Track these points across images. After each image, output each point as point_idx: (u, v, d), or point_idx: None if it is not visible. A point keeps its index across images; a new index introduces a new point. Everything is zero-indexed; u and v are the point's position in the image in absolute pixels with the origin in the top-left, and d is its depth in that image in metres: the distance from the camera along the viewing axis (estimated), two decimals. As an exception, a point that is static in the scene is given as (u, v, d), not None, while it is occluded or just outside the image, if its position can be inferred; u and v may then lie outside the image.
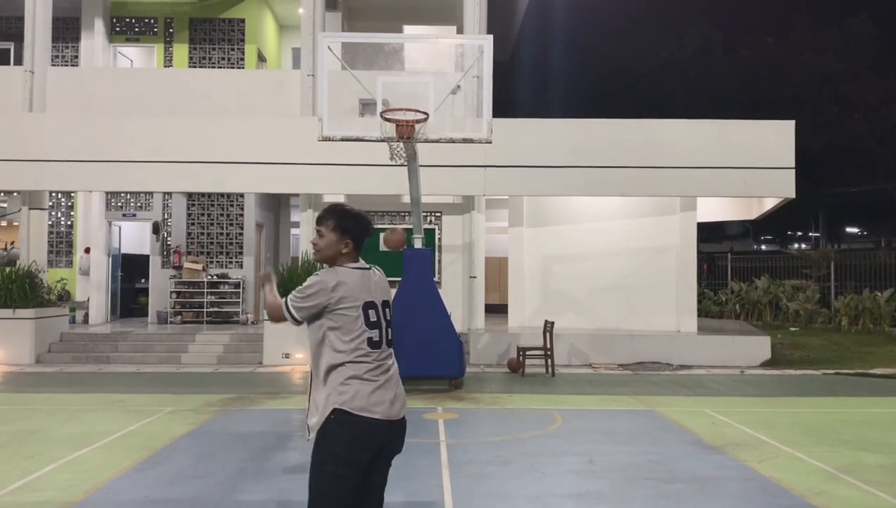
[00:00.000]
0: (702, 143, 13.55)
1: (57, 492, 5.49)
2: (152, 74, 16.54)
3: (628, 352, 13.23)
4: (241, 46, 17.24)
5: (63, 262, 16.48)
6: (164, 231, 16.79)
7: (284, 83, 15.19)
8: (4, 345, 12.77)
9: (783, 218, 30.94)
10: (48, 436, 7.36)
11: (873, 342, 15.65)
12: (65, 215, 16.63)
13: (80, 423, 7.99)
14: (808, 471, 6.21)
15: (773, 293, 19.38)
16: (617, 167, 13.42)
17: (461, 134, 9.54)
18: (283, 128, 13.62)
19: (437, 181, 12.97)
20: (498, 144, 10.55)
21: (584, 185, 13.59)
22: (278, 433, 7.67)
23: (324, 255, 3.25)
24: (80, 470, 6.11)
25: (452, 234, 14.89)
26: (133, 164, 13.32)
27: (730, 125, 13.82)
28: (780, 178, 13.46)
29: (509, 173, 13.48)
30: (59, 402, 9.42)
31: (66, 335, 13.85)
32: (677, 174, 13.45)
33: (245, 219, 16.86)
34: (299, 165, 13.30)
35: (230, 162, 13.35)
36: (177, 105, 14.92)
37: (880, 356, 13.91)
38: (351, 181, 13.33)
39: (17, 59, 16.52)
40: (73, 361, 13.03)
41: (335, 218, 3.23)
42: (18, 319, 12.85)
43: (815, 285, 19.03)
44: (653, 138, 13.55)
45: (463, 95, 13.40)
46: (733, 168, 13.42)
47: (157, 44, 17.29)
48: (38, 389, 10.50)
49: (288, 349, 12.72)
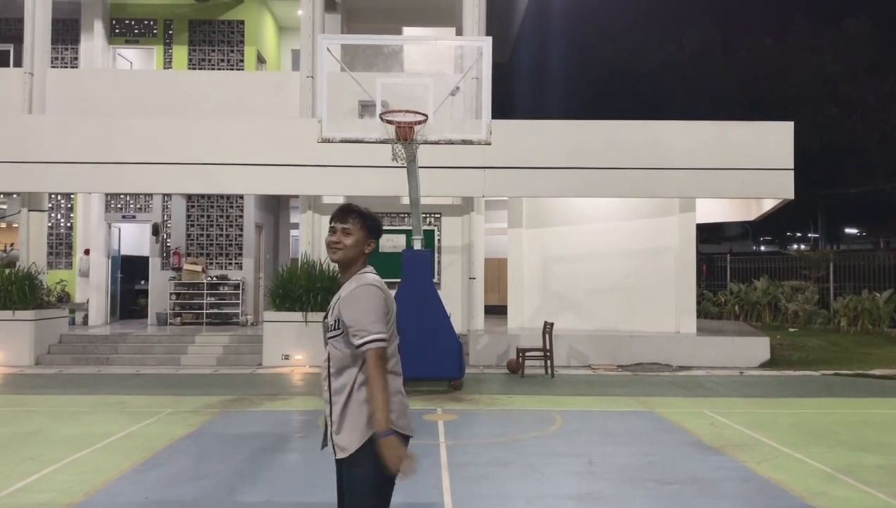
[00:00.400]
0: (701, 144, 13.57)
1: (57, 494, 5.50)
2: (152, 76, 16.54)
3: (628, 353, 13.24)
4: (241, 48, 17.25)
5: (63, 264, 16.47)
6: (164, 233, 16.79)
7: (284, 85, 15.20)
8: (4, 347, 12.78)
9: (782, 219, 30.95)
10: (48, 438, 7.37)
11: (872, 343, 15.65)
12: (64, 217, 16.63)
13: (80, 425, 8.00)
14: (806, 472, 6.22)
15: (772, 294, 19.38)
16: (616, 168, 13.44)
17: (460, 136, 9.56)
18: (283, 129, 13.63)
19: (436, 183, 12.99)
20: (497, 145, 10.57)
21: (583, 186, 13.61)
22: (278, 434, 7.68)
23: (347, 255, 2.94)
24: (79, 472, 6.12)
25: (452, 235, 14.90)
26: (132, 165, 13.34)
27: (729, 126, 13.83)
28: (779, 179, 13.48)
29: (509, 175, 13.50)
30: (58, 404, 9.43)
31: (65, 336, 13.85)
32: (676, 175, 13.47)
33: (244, 220, 16.86)
34: (299, 166, 13.32)
35: (230, 164, 13.37)
36: (176, 107, 14.92)
37: (879, 357, 13.91)
38: (350, 183, 13.35)
39: (16, 61, 16.52)
40: (72, 362, 13.04)
41: (361, 217, 2.98)
42: (18, 320, 12.85)
43: (814, 286, 19.03)
44: (652, 139, 13.57)
45: (462, 96, 13.42)
46: (732, 169, 13.44)
47: (157, 46, 17.30)
48: (38, 390, 10.51)
49: (287, 350, 12.72)
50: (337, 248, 2.94)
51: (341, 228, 2.94)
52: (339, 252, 2.94)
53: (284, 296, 12.71)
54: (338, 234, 2.94)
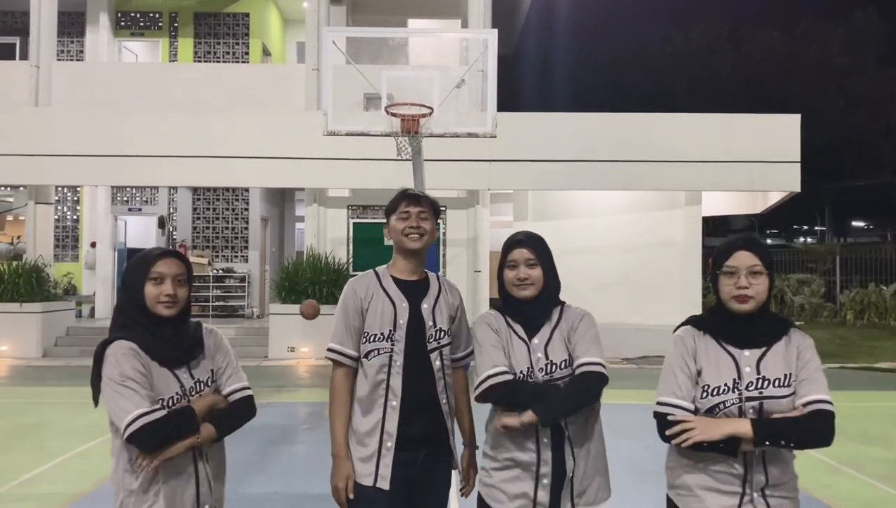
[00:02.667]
0: (706, 137, 13.53)
1: (66, 484, 5.56)
2: (157, 69, 16.57)
3: (633, 346, 13.25)
4: (246, 41, 17.26)
5: (69, 256, 16.56)
6: (170, 226, 16.85)
7: (289, 78, 15.21)
8: (12, 339, 12.85)
9: (789, 212, 30.87)
10: (56, 429, 7.44)
11: (878, 337, 15.66)
12: (70, 210, 16.71)
13: (87, 416, 8.04)
14: (811, 465, 6.22)
15: (778, 287, 19.38)
16: (622, 161, 13.41)
17: (465, 129, 9.55)
18: (289, 122, 13.64)
19: (441, 176, 12.96)
20: (502, 138, 10.56)
21: (589, 179, 13.58)
22: (284, 426, 7.72)
23: (430, 240, 2.73)
24: (87, 462, 6.18)
25: (457, 228, 14.90)
26: (138, 158, 13.36)
27: (734, 119, 13.79)
28: (786, 172, 13.44)
29: (514, 168, 13.48)
30: (66, 395, 9.50)
31: (72, 328, 13.94)
32: (682, 168, 13.44)
33: (250, 213, 16.92)
34: (304, 159, 13.32)
35: (235, 156, 13.38)
36: (182, 100, 14.96)
37: (885, 350, 13.92)
38: (356, 176, 13.35)
39: (22, 54, 16.57)
40: (80, 354, 13.10)
41: (430, 201, 2.76)
42: (25, 313, 12.92)
43: (821, 279, 19.04)
44: (658, 132, 13.54)
45: (468, 89, 13.40)
46: (738, 162, 13.40)
47: (162, 38, 17.33)
48: (46, 382, 10.59)
49: (293, 343, 12.77)
50: (420, 233, 2.69)
51: (417, 211, 2.69)
52: (423, 238, 2.70)
53: (290, 289, 12.75)
54: (413, 218, 2.68)
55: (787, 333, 2.32)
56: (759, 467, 2.22)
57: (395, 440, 2.58)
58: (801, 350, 2.29)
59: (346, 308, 2.66)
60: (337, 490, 2.58)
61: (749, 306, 2.25)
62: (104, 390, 2.23)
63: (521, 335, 2.51)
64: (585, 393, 2.41)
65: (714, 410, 2.24)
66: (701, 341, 2.33)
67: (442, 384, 2.67)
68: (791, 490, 2.29)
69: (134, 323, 2.32)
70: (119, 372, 2.21)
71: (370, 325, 2.62)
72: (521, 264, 2.56)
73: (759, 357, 2.27)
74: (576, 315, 2.56)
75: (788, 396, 2.25)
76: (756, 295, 2.25)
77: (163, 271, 2.33)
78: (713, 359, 2.29)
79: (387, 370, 2.61)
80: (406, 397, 2.60)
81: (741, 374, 2.25)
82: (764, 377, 2.24)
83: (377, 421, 2.59)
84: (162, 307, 2.32)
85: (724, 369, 2.26)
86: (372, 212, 14.65)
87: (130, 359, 2.24)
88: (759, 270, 2.26)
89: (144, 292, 2.31)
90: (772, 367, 2.26)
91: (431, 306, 2.70)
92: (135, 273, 2.34)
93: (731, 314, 2.29)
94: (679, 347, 2.34)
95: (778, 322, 2.34)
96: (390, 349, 2.61)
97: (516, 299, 2.55)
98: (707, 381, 2.26)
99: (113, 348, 2.26)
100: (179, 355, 2.36)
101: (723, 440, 2.16)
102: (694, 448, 2.20)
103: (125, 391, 2.19)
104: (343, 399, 2.63)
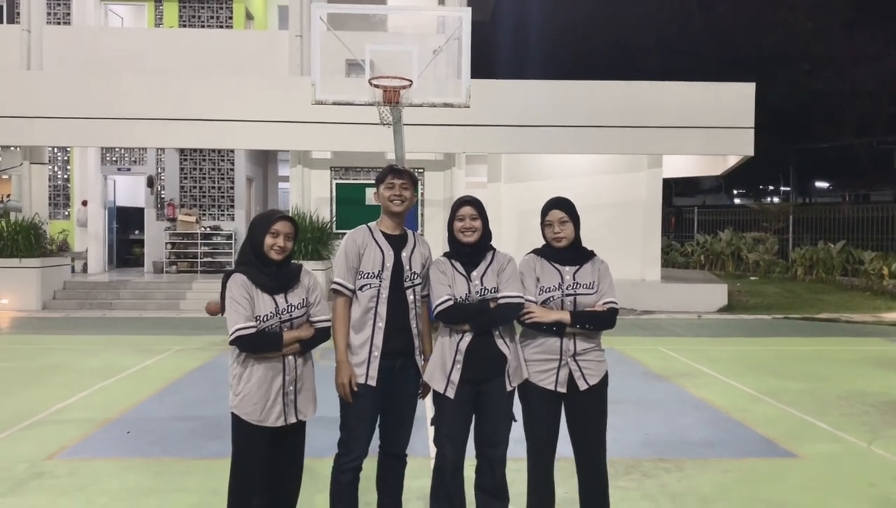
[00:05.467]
0: (668, 103, 14.38)
1: (94, 411, 6.43)
2: (147, 34, 17.00)
3: (597, 299, 14.22)
4: (230, 4, 17.70)
5: (61, 215, 17.16)
6: (158, 185, 17.48)
7: (273, 44, 15.77)
8: (13, 292, 13.57)
9: (756, 173, 31.99)
10: (73, 369, 8.27)
11: (824, 290, 16.86)
12: (61, 169, 17.25)
13: (99, 359, 8.89)
14: (736, 395, 7.30)
15: (735, 245, 20.50)
16: (589, 126, 14.26)
17: (442, 99, 10.31)
18: (273, 87, 14.26)
19: (420, 139, 13.74)
20: (478, 103, 11.32)
21: (559, 143, 14.43)
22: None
23: (407, 207, 3.54)
24: (110, 396, 7.05)
25: (434, 189, 15.72)
26: (128, 120, 13.96)
27: (693, 87, 14.61)
28: (740, 137, 14.38)
29: (489, 132, 14.28)
30: (73, 342, 10.31)
31: (69, 283, 14.65)
32: (646, 133, 14.31)
33: (235, 173, 17.58)
34: (289, 122, 14.00)
35: (222, 120, 14.02)
36: (169, 63, 15.50)
37: (828, 303, 15.09)
38: (338, 139, 14.07)
39: (9, 18, 16.89)
40: (78, 307, 13.88)
41: (410, 175, 3.57)
42: (24, 268, 13.62)
43: (774, 238, 20.16)
44: (623, 99, 14.36)
45: (444, 56, 14.07)
46: (697, 127, 14.31)
47: (147, 2, 17.71)
48: (52, 331, 11.37)
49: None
50: (402, 200, 3.51)
51: (400, 183, 3.51)
52: (404, 204, 3.52)
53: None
54: (397, 188, 3.50)
55: (592, 258, 3.60)
56: (569, 341, 3.45)
57: (381, 351, 3.45)
58: (601, 269, 3.57)
59: (348, 253, 3.53)
60: (342, 386, 3.47)
61: (562, 243, 3.53)
62: (226, 304, 3.20)
63: (460, 271, 3.49)
64: (504, 318, 3.47)
65: (547, 302, 3.47)
66: (538, 262, 3.57)
67: (413, 313, 3.53)
68: (596, 356, 3.53)
69: (249, 262, 3.25)
70: (230, 296, 3.17)
71: (365, 266, 3.51)
72: (467, 217, 3.48)
73: (575, 271, 3.52)
74: (504, 258, 3.58)
75: (593, 295, 3.49)
76: (566, 236, 3.52)
77: (279, 228, 3.21)
78: (547, 271, 3.53)
79: (375, 300, 3.46)
80: (389, 320, 3.46)
81: (564, 281, 3.49)
82: (578, 282, 3.49)
83: (367, 337, 3.46)
84: (273, 253, 3.22)
85: (553, 277, 3.51)
86: (354, 173, 15.42)
87: (240, 288, 3.18)
88: (566, 219, 3.52)
89: (264, 242, 3.20)
90: (582, 277, 3.51)
91: (409, 255, 3.53)
92: (259, 226, 3.25)
93: (554, 248, 3.55)
94: (528, 266, 3.57)
95: (585, 251, 3.60)
96: (378, 285, 3.46)
97: (462, 243, 3.50)
98: (543, 284, 3.50)
99: (232, 279, 3.21)
100: (277, 286, 3.25)
101: (554, 324, 3.40)
102: (534, 327, 3.44)
103: (233, 309, 3.15)
104: (344, 320, 3.53)
